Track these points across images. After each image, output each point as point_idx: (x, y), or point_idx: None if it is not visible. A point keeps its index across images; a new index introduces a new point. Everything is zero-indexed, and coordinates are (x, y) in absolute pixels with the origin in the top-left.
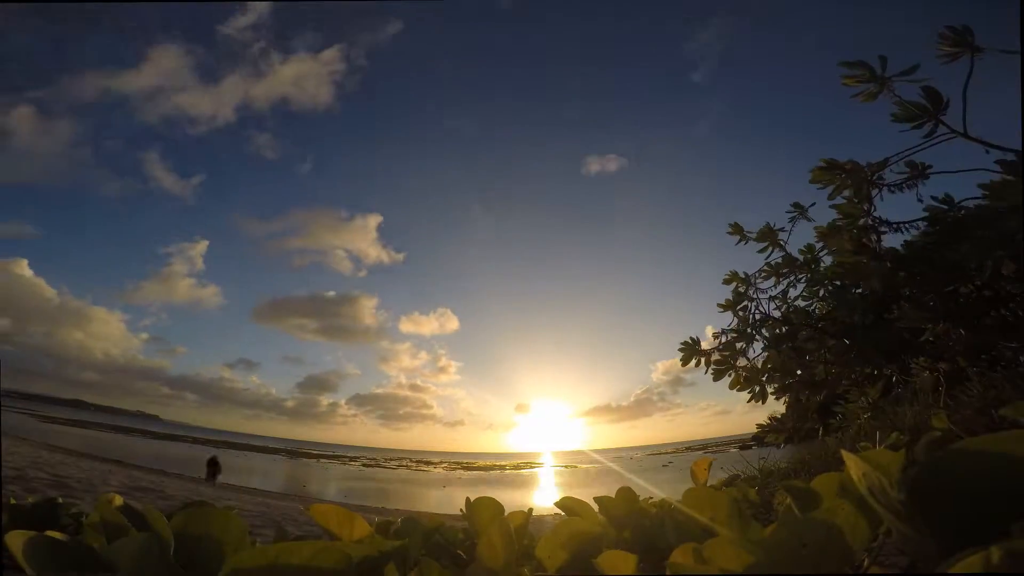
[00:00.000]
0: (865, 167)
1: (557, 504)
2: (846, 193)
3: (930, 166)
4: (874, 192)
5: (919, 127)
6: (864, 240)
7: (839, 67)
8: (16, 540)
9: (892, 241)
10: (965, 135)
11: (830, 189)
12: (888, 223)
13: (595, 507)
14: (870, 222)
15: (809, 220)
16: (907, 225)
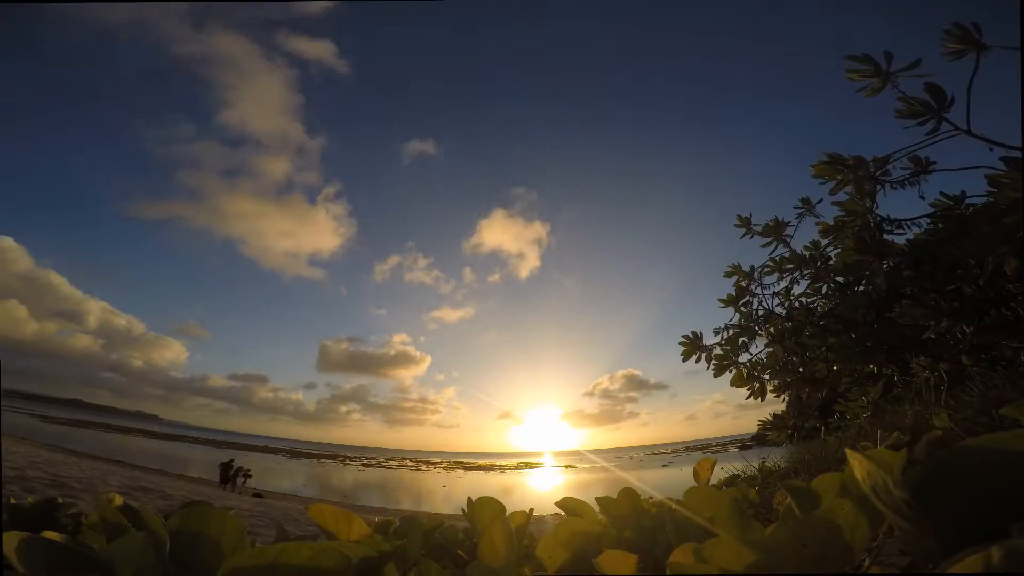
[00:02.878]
0: (869, 161)
1: (558, 504)
2: (848, 189)
3: (934, 162)
4: (877, 188)
5: (923, 124)
6: (868, 237)
7: (845, 61)
8: (10, 541)
9: (896, 238)
10: (969, 132)
11: (832, 187)
12: (893, 220)
13: (596, 507)
14: (874, 219)
15: (816, 216)
16: (910, 222)
